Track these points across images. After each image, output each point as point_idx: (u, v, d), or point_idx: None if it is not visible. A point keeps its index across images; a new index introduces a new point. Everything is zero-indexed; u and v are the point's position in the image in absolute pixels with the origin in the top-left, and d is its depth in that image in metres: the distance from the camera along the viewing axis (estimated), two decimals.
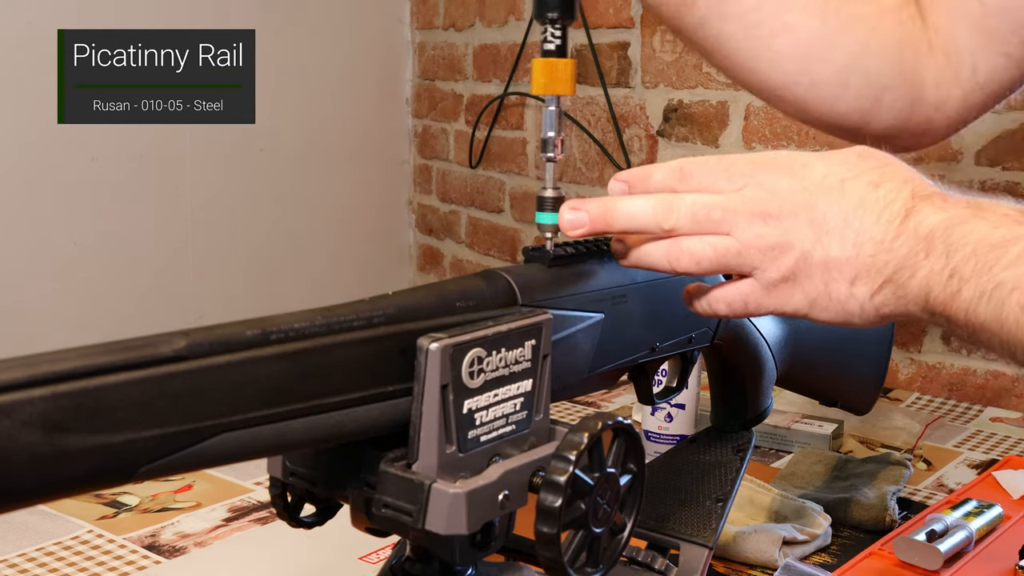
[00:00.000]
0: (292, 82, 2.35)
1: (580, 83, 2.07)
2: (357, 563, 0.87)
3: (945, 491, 1.06)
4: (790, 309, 0.60)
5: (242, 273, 2.32)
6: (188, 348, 0.42)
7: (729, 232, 0.59)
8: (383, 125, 2.56)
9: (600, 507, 0.53)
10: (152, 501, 1.00)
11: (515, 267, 0.61)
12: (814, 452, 1.09)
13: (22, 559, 0.88)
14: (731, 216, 0.58)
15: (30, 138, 1.98)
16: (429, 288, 0.54)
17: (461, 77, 2.40)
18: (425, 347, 0.49)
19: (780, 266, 0.59)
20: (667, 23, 0.86)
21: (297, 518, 0.57)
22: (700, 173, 0.60)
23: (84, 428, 0.38)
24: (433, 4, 2.47)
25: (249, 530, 0.94)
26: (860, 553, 0.89)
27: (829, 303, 0.59)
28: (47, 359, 0.38)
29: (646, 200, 0.60)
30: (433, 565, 0.55)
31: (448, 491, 0.49)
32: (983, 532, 0.91)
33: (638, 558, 0.71)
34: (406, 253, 2.66)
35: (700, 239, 0.59)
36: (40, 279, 2.03)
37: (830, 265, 0.58)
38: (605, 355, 0.63)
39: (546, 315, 0.55)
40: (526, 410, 0.54)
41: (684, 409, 1.08)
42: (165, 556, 0.89)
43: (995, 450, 1.18)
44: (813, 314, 0.60)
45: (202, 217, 2.24)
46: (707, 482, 0.75)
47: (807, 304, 0.59)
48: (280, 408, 0.45)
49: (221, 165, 2.26)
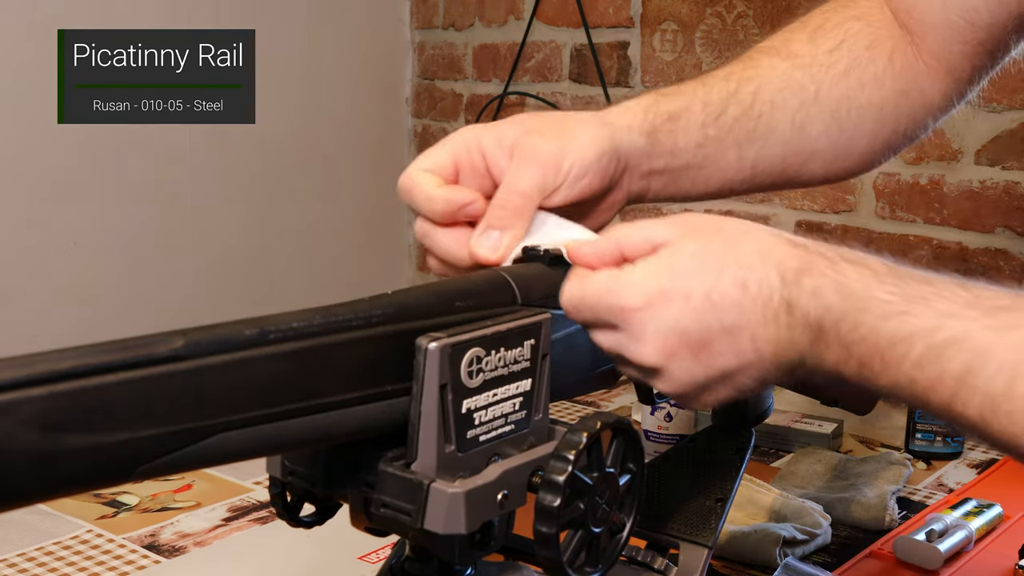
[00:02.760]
0: (292, 82, 2.35)
1: (580, 82, 2.07)
2: (356, 563, 0.87)
3: (945, 491, 1.06)
4: (715, 404, 0.59)
5: (241, 273, 2.32)
6: (186, 347, 0.42)
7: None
8: (383, 125, 2.56)
9: (599, 507, 0.53)
10: (152, 501, 1.00)
11: (515, 266, 0.61)
12: (814, 452, 1.09)
13: (22, 559, 0.88)
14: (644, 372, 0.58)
15: (30, 138, 1.98)
16: (428, 287, 0.54)
17: (461, 76, 2.40)
18: (424, 346, 0.49)
19: (690, 396, 0.58)
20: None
21: (296, 518, 0.57)
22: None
23: (82, 427, 0.38)
24: (433, 4, 2.47)
25: (249, 530, 0.94)
26: (860, 553, 0.89)
27: (745, 395, 0.58)
28: (45, 358, 0.38)
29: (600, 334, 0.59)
30: (432, 565, 0.55)
31: (447, 491, 0.49)
32: (983, 532, 0.91)
33: (637, 558, 0.71)
34: (406, 253, 2.66)
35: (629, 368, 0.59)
36: (40, 279, 2.03)
37: (732, 375, 0.57)
38: (605, 354, 0.63)
39: (545, 314, 0.55)
40: (525, 410, 0.54)
41: (684, 408, 1.07)
42: (165, 556, 0.89)
43: (995, 450, 1.18)
44: (735, 399, 0.59)
45: (202, 217, 2.24)
46: (707, 482, 0.75)
47: (725, 401, 0.59)
48: (279, 408, 0.45)
49: (221, 165, 2.26)
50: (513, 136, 0.65)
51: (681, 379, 0.56)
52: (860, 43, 0.79)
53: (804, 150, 0.78)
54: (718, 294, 0.55)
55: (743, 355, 0.55)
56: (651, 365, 0.56)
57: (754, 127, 0.75)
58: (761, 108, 0.76)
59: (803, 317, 0.54)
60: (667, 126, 0.72)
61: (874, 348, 0.53)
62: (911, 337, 0.52)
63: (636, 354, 0.56)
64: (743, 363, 0.56)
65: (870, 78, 0.79)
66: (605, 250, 0.58)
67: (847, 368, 0.54)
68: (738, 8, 1.77)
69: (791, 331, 0.55)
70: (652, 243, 0.57)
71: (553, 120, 0.67)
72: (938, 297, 0.53)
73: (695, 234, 0.57)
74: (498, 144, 0.66)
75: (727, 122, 0.74)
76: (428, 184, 0.65)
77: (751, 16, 1.75)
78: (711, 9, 1.81)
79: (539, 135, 0.65)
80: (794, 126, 0.77)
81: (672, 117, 0.72)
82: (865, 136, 0.79)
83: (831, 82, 0.78)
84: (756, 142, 0.75)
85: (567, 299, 0.58)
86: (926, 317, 0.52)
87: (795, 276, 0.55)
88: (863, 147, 0.80)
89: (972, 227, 1.59)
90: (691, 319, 0.55)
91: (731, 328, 0.55)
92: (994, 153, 1.55)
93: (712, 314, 0.55)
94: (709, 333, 0.55)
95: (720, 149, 0.74)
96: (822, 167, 0.79)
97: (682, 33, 1.86)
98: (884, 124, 0.80)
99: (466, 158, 0.66)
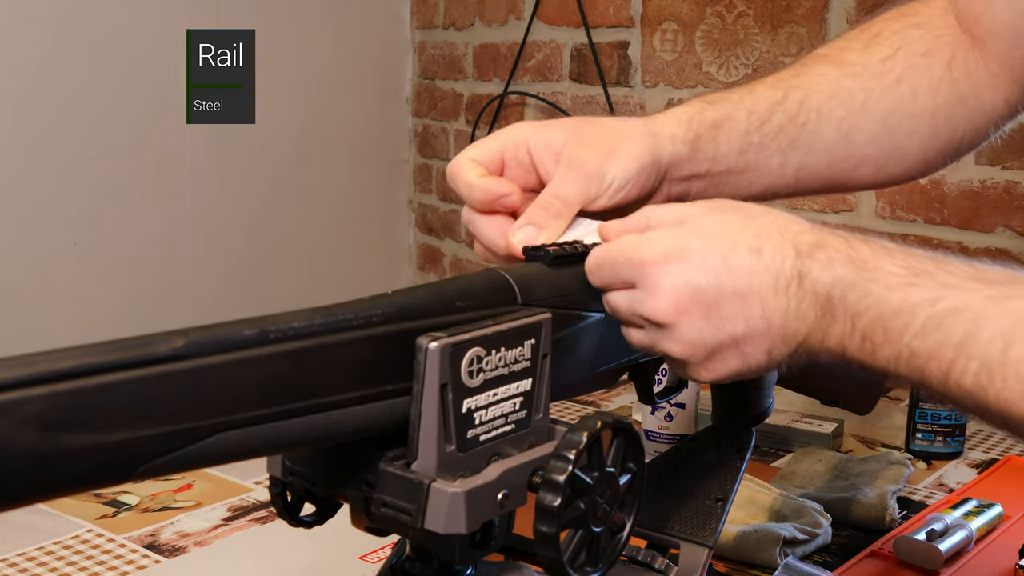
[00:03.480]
0: (292, 82, 2.35)
1: (580, 82, 2.07)
2: (357, 562, 0.87)
3: (945, 490, 1.06)
4: (722, 378, 0.61)
5: (241, 273, 2.32)
6: (187, 347, 0.42)
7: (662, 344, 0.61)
8: (383, 124, 2.56)
9: (599, 506, 0.53)
10: (152, 500, 1.00)
11: (515, 266, 0.61)
12: (814, 452, 1.09)
13: (22, 558, 0.88)
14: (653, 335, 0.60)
15: (30, 138, 1.98)
16: (428, 287, 0.54)
17: (461, 76, 2.40)
18: (424, 346, 0.49)
19: (696, 361, 0.60)
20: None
21: (297, 517, 0.57)
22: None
23: (82, 427, 0.38)
24: (433, 3, 2.47)
25: (249, 529, 0.94)
26: (860, 552, 0.89)
27: (751, 370, 0.60)
28: (45, 358, 0.38)
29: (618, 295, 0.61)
30: (432, 564, 0.55)
31: (447, 490, 0.49)
32: (983, 531, 0.91)
33: (638, 557, 0.71)
34: (406, 252, 2.66)
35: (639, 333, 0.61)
36: (40, 279, 2.03)
37: (742, 343, 0.58)
38: (605, 354, 0.63)
39: (546, 314, 0.55)
40: (525, 409, 0.54)
41: (684, 408, 1.07)
42: (165, 555, 0.89)
43: (995, 449, 1.18)
44: (740, 377, 0.61)
45: (202, 217, 2.24)
46: (707, 481, 0.75)
47: (732, 374, 0.60)
48: (279, 407, 0.45)
49: (221, 165, 2.26)
50: (561, 142, 0.70)
51: (691, 338, 0.58)
52: (917, 50, 0.80)
53: (852, 157, 0.79)
54: (734, 259, 0.58)
55: (752, 321, 0.57)
56: (662, 320, 0.58)
57: (798, 135, 0.77)
58: (807, 116, 0.77)
59: (812, 288, 0.57)
60: (710, 133, 0.74)
61: (878, 318, 0.55)
62: (914, 308, 0.54)
63: (649, 309, 0.58)
64: (751, 330, 0.58)
65: (924, 85, 0.80)
66: (633, 223, 0.62)
67: (850, 343, 0.56)
68: (738, 8, 1.77)
69: (800, 302, 0.57)
70: (678, 219, 0.60)
71: (600, 130, 0.71)
72: (942, 271, 0.55)
73: (717, 209, 0.60)
74: (546, 147, 0.70)
75: (771, 130, 0.76)
76: (471, 173, 0.69)
77: (751, 16, 1.75)
78: (711, 9, 1.81)
79: (586, 146, 0.69)
80: (839, 134, 0.78)
81: (715, 125, 0.75)
82: (917, 143, 0.81)
83: (882, 90, 0.79)
84: (800, 149, 0.77)
85: (591, 259, 0.61)
86: (929, 288, 0.54)
87: (809, 249, 0.57)
88: (915, 154, 0.81)
89: (972, 227, 1.59)
90: (705, 278, 0.57)
91: (743, 292, 0.57)
92: (994, 153, 1.55)
93: (726, 276, 0.57)
94: (721, 294, 0.57)
95: (763, 155, 0.76)
96: (871, 173, 0.81)
97: (682, 33, 1.86)
98: (938, 131, 0.81)
99: (513, 153, 0.70)
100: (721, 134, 0.75)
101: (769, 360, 0.59)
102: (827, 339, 0.57)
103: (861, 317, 0.56)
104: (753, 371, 0.60)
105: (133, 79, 2.09)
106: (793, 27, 1.67)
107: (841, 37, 0.83)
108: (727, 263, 0.57)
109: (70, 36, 1.98)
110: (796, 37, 1.67)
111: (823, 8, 1.63)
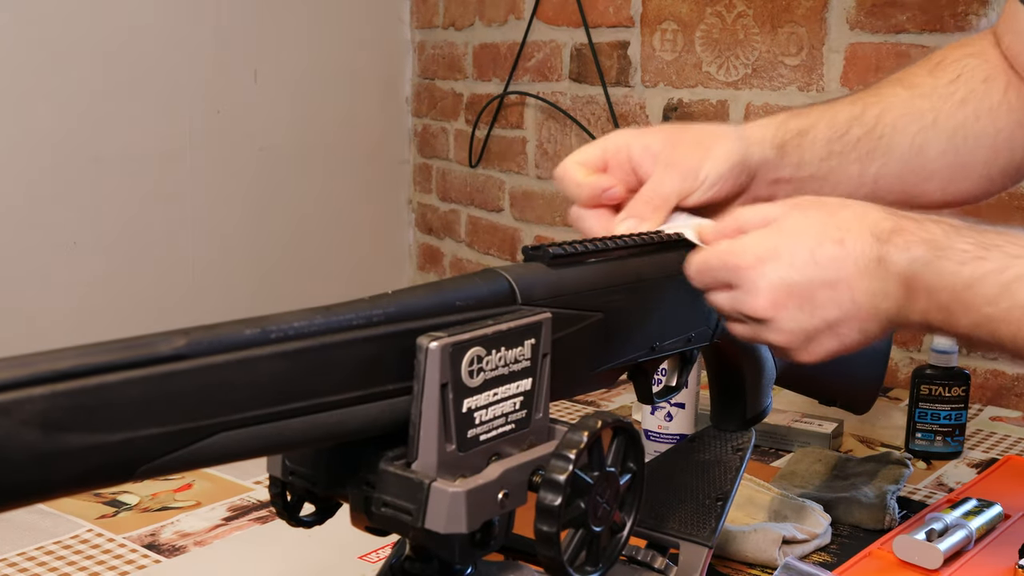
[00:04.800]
0: (292, 82, 2.35)
1: (580, 82, 2.07)
2: (357, 562, 0.87)
3: (945, 490, 1.06)
4: (822, 358, 0.67)
5: (242, 272, 2.32)
6: (188, 347, 0.42)
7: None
8: (383, 124, 2.56)
9: (600, 506, 0.53)
10: (152, 500, 1.00)
11: (515, 266, 0.61)
12: (814, 451, 1.09)
13: (22, 558, 0.88)
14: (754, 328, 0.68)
15: (30, 138, 1.98)
16: (429, 287, 0.54)
17: (461, 76, 2.40)
18: (425, 346, 0.49)
19: (797, 346, 0.67)
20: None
21: (297, 517, 0.57)
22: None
23: (83, 427, 0.38)
24: (433, 3, 2.47)
25: (249, 529, 0.94)
26: (860, 552, 0.89)
27: (847, 348, 0.67)
28: (46, 358, 0.38)
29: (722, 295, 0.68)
30: (433, 564, 0.55)
31: (447, 490, 0.49)
32: (983, 531, 0.91)
33: (638, 557, 0.71)
34: (406, 252, 2.66)
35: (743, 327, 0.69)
36: (40, 279, 2.03)
37: (836, 326, 0.65)
38: (605, 354, 0.63)
39: (546, 314, 0.55)
40: (525, 409, 0.54)
41: (684, 408, 1.08)
42: (165, 555, 0.89)
43: (995, 449, 1.18)
44: (840, 355, 0.67)
45: (202, 217, 2.24)
46: (707, 481, 0.75)
47: (831, 354, 0.67)
48: (279, 407, 0.45)
49: (221, 165, 2.26)
50: (659, 144, 0.76)
51: (791, 328, 0.65)
52: (977, 77, 0.87)
53: (923, 169, 0.85)
54: (820, 252, 0.64)
55: (843, 305, 0.64)
56: (763, 316, 0.65)
57: (875, 146, 0.84)
58: (883, 130, 0.84)
59: (893, 269, 0.63)
60: (795, 140, 0.81)
61: (953, 291, 0.62)
62: (984, 278, 0.62)
63: (750, 307, 0.65)
64: (844, 314, 0.64)
65: (986, 109, 0.86)
66: (726, 226, 0.69)
67: (932, 316, 0.64)
68: (738, 8, 1.77)
69: (884, 283, 0.64)
70: (766, 220, 0.67)
71: (694, 133, 0.78)
72: (1009, 243, 0.63)
73: (800, 207, 0.67)
74: (645, 150, 0.76)
75: (851, 140, 0.83)
76: (579, 174, 0.76)
77: (751, 16, 1.75)
78: (711, 9, 1.81)
79: (682, 146, 0.76)
80: (913, 147, 0.85)
81: (800, 133, 0.81)
82: (980, 161, 0.87)
83: (950, 110, 0.86)
84: (877, 159, 0.84)
85: (692, 266, 0.68)
86: (997, 260, 0.62)
87: (887, 235, 0.64)
88: (979, 171, 0.87)
89: None
90: (797, 274, 0.64)
91: (831, 282, 0.64)
92: None
93: (814, 269, 0.64)
94: (812, 286, 0.64)
95: (843, 163, 0.83)
96: (940, 188, 0.87)
97: (682, 33, 1.86)
98: (999, 152, 0.87)
99: (614, 155, 0.77)
100: (806, 142, 0.81)
101: (864, 338, 0.66)
102: (912, 314, 0.64)
103: (938, 292, 0.63)
104: (850, 349, 0.66)
105: (133, 79, 2.09)
106: (793, 27, 1.67)
107: (905, 69, 0.90)
108: (814, 257, 0.64)
109: (71, 36, 1.98)
110: (796, 37, 1.67)
111: (823, 8, 1.63)
